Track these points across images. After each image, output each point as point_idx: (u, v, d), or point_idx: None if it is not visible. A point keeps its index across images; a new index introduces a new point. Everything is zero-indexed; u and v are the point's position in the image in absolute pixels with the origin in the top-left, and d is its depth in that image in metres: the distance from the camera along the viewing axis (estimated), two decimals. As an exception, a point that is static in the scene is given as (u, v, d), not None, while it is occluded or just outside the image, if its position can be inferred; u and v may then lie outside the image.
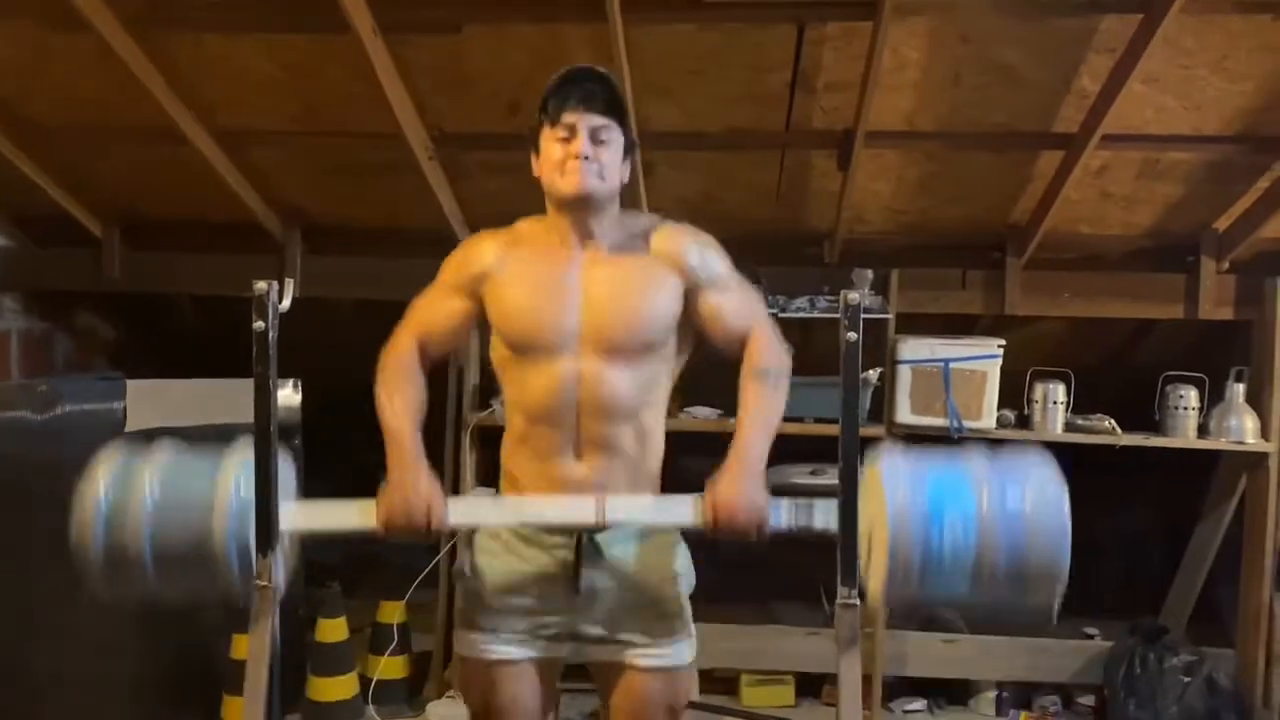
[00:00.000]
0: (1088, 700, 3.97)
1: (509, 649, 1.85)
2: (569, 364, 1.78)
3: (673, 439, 2.03)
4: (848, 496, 1.65)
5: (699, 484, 3.85)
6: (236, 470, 1.72)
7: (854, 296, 1.66)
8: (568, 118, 1.78)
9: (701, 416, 3.85)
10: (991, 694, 4.02)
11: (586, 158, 1.77)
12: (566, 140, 1.78)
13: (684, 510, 1.73)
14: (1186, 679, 3.65)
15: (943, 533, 1.63)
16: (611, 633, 1.86)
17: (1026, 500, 1.63)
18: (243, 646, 3.44)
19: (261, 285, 1.65)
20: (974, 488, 1.65)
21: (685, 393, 3.91)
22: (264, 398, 1.66)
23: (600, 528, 1.75)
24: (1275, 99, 3.02)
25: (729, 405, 3.87)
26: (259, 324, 1.64)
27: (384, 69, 2.95)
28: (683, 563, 1.95)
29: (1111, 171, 3.40)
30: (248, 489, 1.70)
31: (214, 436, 3.71)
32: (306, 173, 3.65)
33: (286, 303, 1.71)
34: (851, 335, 1.67)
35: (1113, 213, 3.60)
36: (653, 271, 1.84)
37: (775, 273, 3.79)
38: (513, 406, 1.88)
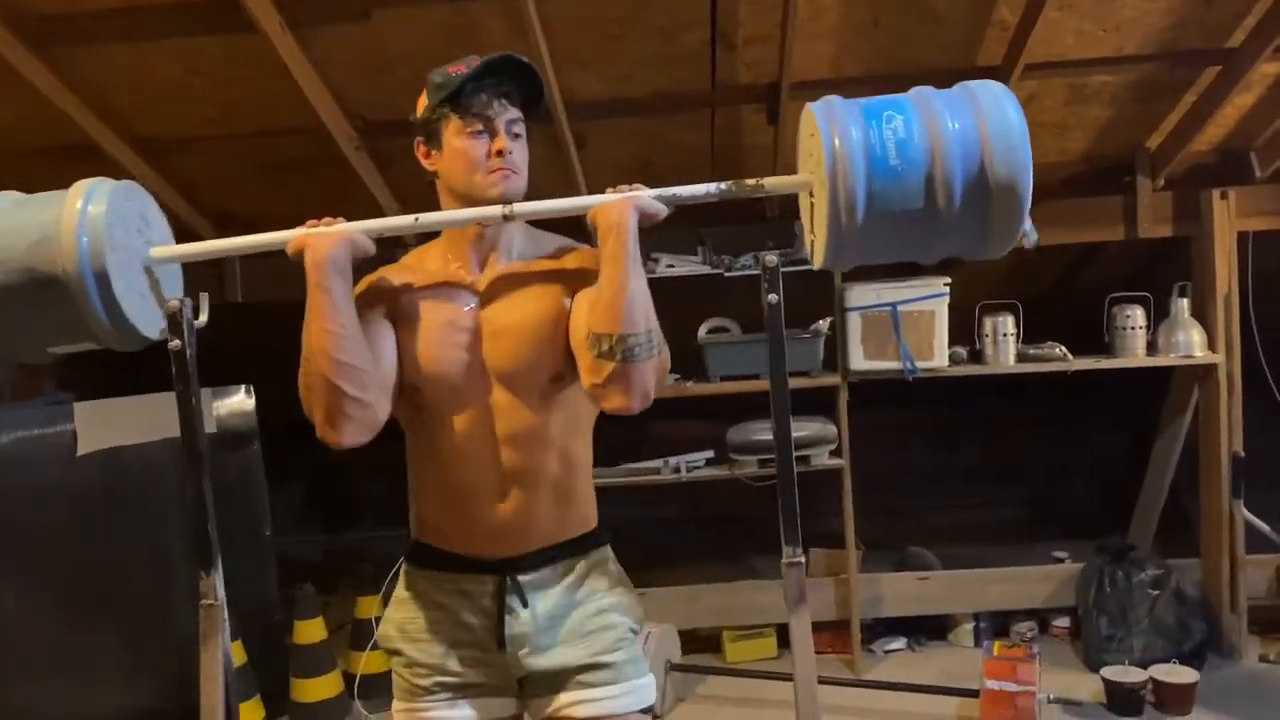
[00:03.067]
0: (1063, 623, 4.04)
1: (447, 713, 1.66)
2: (481, 400, 1.62)
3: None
4: (783, 456, 1.64)
5: (660, 450, 3.87)
6: (86, 188, 1.59)
7: (771, 259, 1.64)
8: (485, 110, 1.59)
9: (658, 382, 3.84)
10: (969, 626, 4.08)
11: (511, 151, 1.60)
12: (480, 135, 1.59)
13: (599, 197, 1.59)
14: (1155, 592, 3.72)
15: (886, 160, 1.48)
16: (549, 683, 1.67)
17: (976, 113, 1.49)
18: (220, 658, 3.44)
19: (174, 303, 1.61)
20: (919, 110, 1.52)
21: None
22: (188, 416, 1.63)
23: (509, 218, 1.58)
24: (1191, 13, 3.03)
25: (686, 370, 3.91)
26: (175, 342, 1.61)
27: (296, 63, 2.90)
28: (624, 599, 1.74)
29: (1040, 100, 3.40)
30: (98, 203, 1.56)
31: (170, 451, 3.71)
32: (232, 175, 3.59)
33: (203, 318, 1.68)
34: (772, 297, 1.64)
35: (1046, 141, 3.61)
36: (556, 295, 1.64)
37: (718, 232, 3.79)
38: (424, 452, 1.68)
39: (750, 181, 1.63)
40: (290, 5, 2.76)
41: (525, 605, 1.65)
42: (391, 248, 3.74)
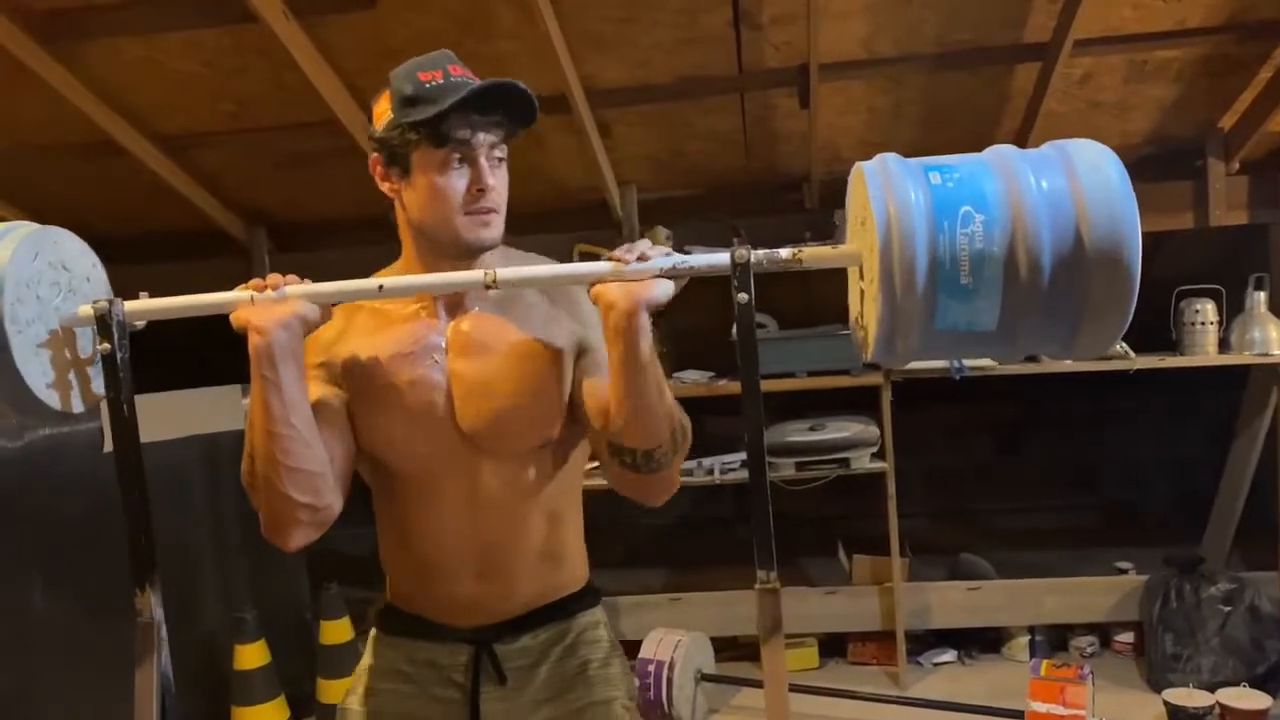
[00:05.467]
0: (1127, 638, 3.78)
1: None
2: (454, 467, 1.41)
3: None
4: (755, 468, 1.49)
5: (703, 447, 3.73)
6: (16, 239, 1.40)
7: (742, 254, 1.45)
8: (464, 134, 1.33)
9: (691, 380, 3.70)
10: (1025, 639, 3.84)
11: (493, 189, 1.37)
12: (460, 164, 1.34)
13: (602, 269, 1.31)
14: (1227, 608, 3.44)
15: (955, 247, 1.23)
16: None
17: (1069, 172, 1.24)
18: (244, 658, 3.41)
19: (102, 304, 1.47)
20: (998, 175, 1.26)
21: (676, 357, 3.77)
22: (120, 424, 1.53)
23: (492, 286, 1.31)
24: (1263, -21, 2.77)
25: (721, 366, 3.76)
26: (104, 346, 1.49)
27: (303, 53, 2.83)
28: (617, 670, 1.54)
29: (1096, 79, 3.16)
30: (3, 249, 1.38)
31: (197, 448, 3.70)
32: (256, 170, 3.55)
33: (141, 320, 1.58)
34: (743, 297, 1.46)
35: (1106, 122, 3.36)
36: (538, 345, 1.40)
37: (754, 224, 3.63)
38: (389, 517, 1.49)
39: (784, 254, 1.42)
40: (291, -7, 2.68)
41: (503, 681, 1.46)
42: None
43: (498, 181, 1.39)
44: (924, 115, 3.32)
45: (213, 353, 3.70)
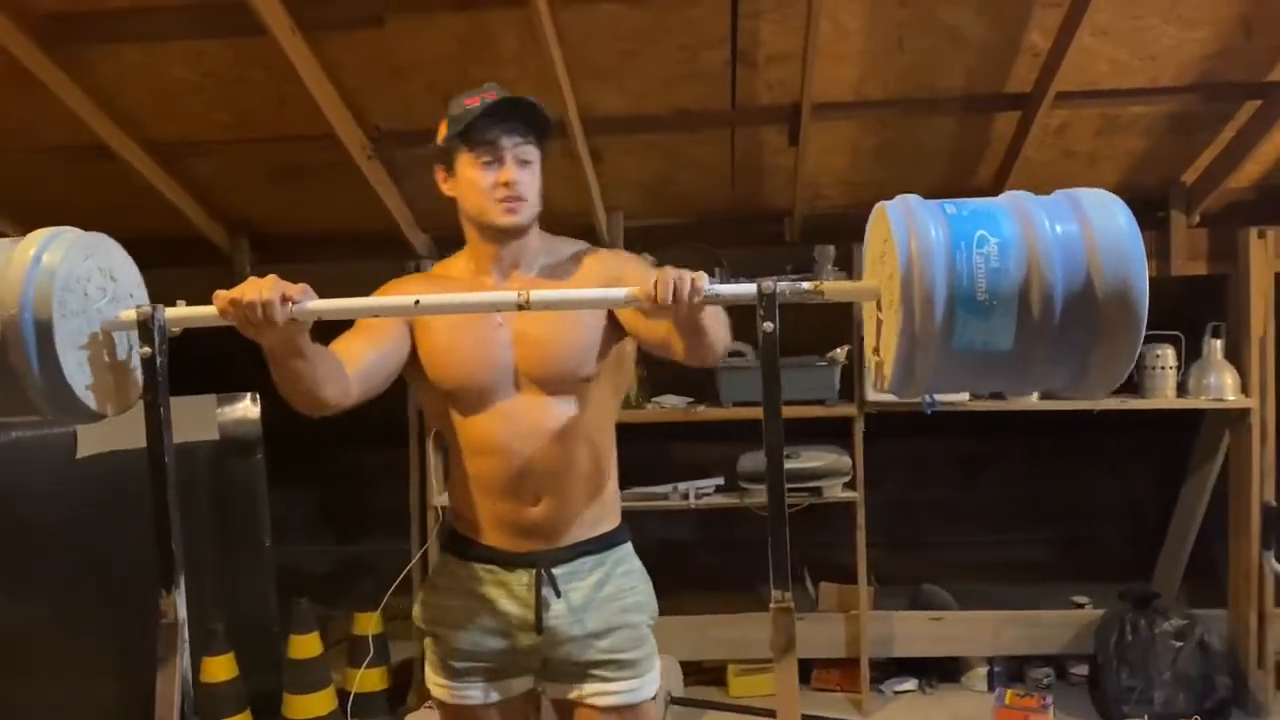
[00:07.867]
0: (1082, 670, 3.89)
1: (477, 693, 1.83)
2: (509, 403, 1.75)
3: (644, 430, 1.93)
4: (774, 493, 1.55)
5: (677, 472, 3.78)
6: (41, 239, 1.47)
7: (768, 285, 1.54)
8: (491, 138, 1.70)
9: (670, 406, 3.75)
10: (983, 669, 3.94)
11: (517, 182, 1.71)
12: (490, 164, 1.71)
13: (617, 295, 1.52)
14: (1178, 644, 3.57)
15: (971, 264, 1.32)
16: (571, 671, 1.82)
17: (1081, 218, 1.36)
18: (211, 670, 3.38)
19: (145, 309, 1.54)
20: (1012, 213, 1.37)
21: (654, 382, 3.82)
22: (156, 427, 1.56)
23: (525, 308, 1.51)
24: (1231, 43, 2.92)
25: (699, 393, 3.82)
26: (145, 350, 1.53)
27: (308, 68, 2.85)
28: (645, 595, 1.89)
29: (1072, 130, 3.30)
30: (54, 256, 1.45)
31: (171, 455, 3.65)
32: (247, 181, 3.55)
33: (178, 327, 1.61)
34: (768, 325, 1.53)
35: (1077, 171, 3.50)
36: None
37: (736, 255, 3.71)
38: (458, 449, 1.81)
39: (806, 285, 1.52)
40: (300, 9, 2.71)
41: (559, 596, 1.78)
42: (405, 259, 3.67)
43: (523, 176, 1.72)
44: (906, 157, 3.43)
45: (187, 364, 3.70)
